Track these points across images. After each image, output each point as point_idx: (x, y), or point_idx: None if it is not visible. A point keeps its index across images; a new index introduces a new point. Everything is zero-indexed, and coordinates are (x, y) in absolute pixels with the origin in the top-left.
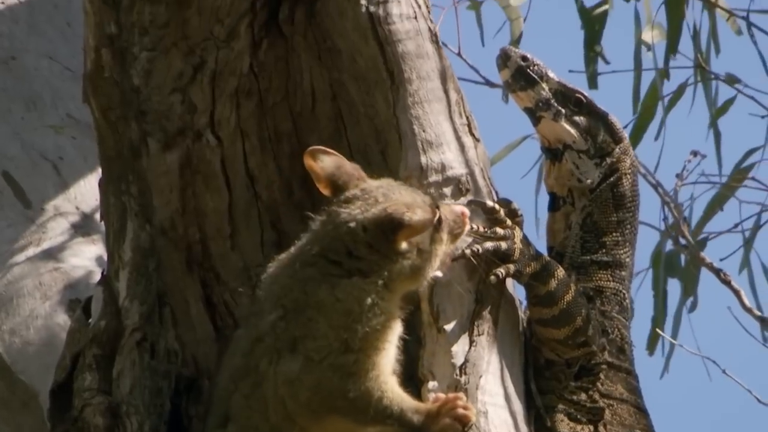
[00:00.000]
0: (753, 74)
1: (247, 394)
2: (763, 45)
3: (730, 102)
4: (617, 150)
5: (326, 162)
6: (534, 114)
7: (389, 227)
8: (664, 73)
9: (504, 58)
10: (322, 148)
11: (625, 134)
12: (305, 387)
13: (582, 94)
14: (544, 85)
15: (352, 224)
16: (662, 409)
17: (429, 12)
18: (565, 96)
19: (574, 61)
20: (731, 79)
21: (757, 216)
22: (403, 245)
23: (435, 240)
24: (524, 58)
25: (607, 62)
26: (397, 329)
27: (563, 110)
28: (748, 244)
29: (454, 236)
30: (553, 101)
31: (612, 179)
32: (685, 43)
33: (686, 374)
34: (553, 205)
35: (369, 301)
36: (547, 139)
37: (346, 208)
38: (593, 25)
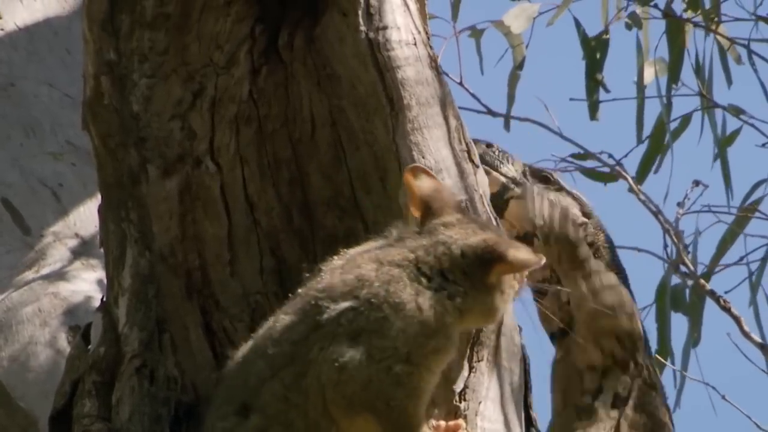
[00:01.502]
0: (755, 103)
1: (289, 384)
2: (764, 74)
3: (736, 133)
4: (590, 227)
5: (425, 183)
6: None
7: (488, 258)
8: (668, 108)
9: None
10: (425, 168)
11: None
12: (355, 380)
13: (549, 173)
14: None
15: (453, 247)
16: None
17: (429, 38)
18: (533, 174)
19: (576, 88)
20: (735, 111)
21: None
22: (493, 280)
23: (512, 285)
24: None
25: (607, 91)
26: (447, 361)
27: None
28: (756, 279)
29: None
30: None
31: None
32: (688, 72)
33: (686, 401)
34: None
35: (447, 320)
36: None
37: (446, 231)
38: (594, 53)
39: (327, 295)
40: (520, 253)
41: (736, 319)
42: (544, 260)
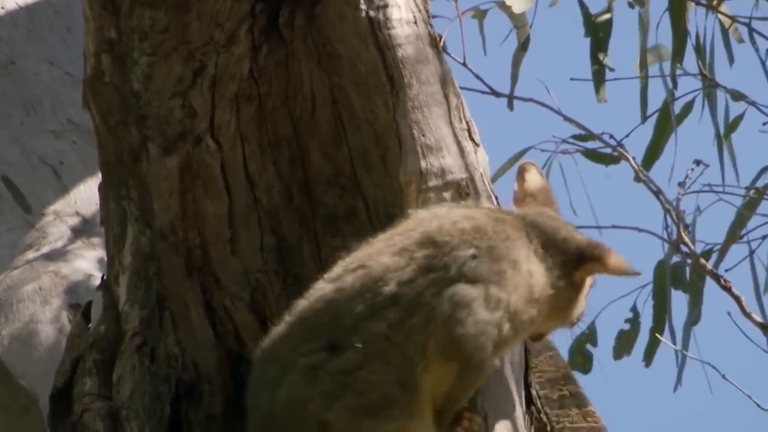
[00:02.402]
0: (755, 80)
1: (393, 323)
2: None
3: (739, 119)
4: None
5: (534, 180)
6: None
7: (586, 254)
8: (672, 94)
9: None
10: (536, 165)
11: None
12: (467, 324)
13: None
14: None
15: (560, 234)
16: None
17: (429, 16)
18: None
19: (580, 67)
20: (737, 95)
21: None
22: (580, 277)
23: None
24: None
25: (612, 69)
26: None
27: None
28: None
29: None
30: None
31: None
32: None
33: (686, 380)
34: None
35: (546, 293)
36: None
37: (552, 221)
38: (598, 33)
39: (442, 240)
40: (617, 258)
41: (737, 299)
42: (641, 274)
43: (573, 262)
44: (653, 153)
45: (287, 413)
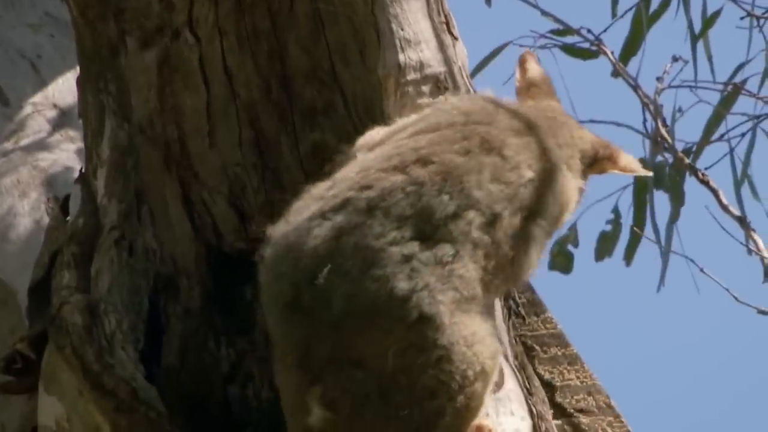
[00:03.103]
0: None
1: (479, 226)
2: None
3: (716, 14)
4: None
5: (536, 69)
6: None
7: (599, 153)
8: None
9: None
10: (535, 55)
11: None
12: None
13: None
14: None
15: (575, 131)
16: (639, 310)
17: None
18: None
19: None
20: None
21: (752, 129)
22: (591, 172)
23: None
24: None
25: None
26: None
27: None
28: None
29: None
30: None
31: None
32: None
33: (668, 277)
34: None
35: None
36: None
37: (579, 130)
38: None
39: (507, 155)
40: (628, 157)
41: (715, 192)
42: (651, 173)
43: (587, 160)
44: (630, 49)
45: (377, 308)
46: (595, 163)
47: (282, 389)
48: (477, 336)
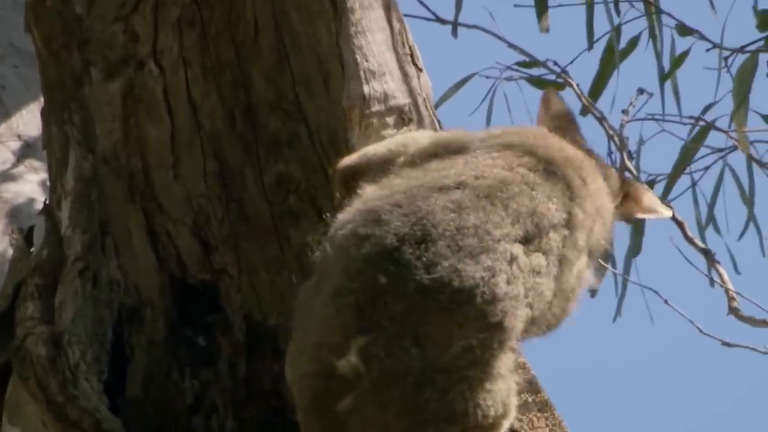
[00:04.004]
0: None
1: (571, 246)
2: None
3: (685, 54)
4: None
5: (558, 106)
6: None
7: (627, 191)
8: (618, 30)
9: None
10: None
11: None
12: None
13: None
14: None
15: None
16: (605, 343)
17: None
18: None
19: None
20: (684, 30)
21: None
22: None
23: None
24: None
25: None
26: None
27: None
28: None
29: None
30: None
31: None
32: None
33: (627, 309)
34: None
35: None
36: None
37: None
38: None
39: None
40: (654, 199)
41: (680, 224)
42: (671, 213)
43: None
44: (598, 86)
45: (471, 295)
46: (621, 201)
47: (314, 319)
48: (508, 373)
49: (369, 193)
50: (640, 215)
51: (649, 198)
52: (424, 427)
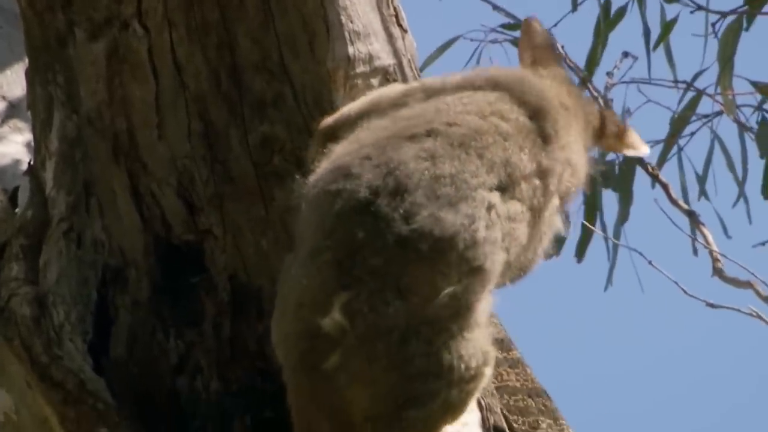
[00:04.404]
0: None
1: (542, 193)
2: None
3: (673, 22)
4: None
5: (542, 36)
6: None
7: (608, 126)
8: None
9: None
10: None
11: None
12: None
13: None
14: None
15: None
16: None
17: None
18: None
19: None
20: None
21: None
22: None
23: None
24: None
25: None
26: None
27: None
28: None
29: None
30: None
31: None
32: None
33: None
34: None
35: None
36: None
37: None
38: None
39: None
40: (636, 136)
41: (664, 186)
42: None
43: (596, 133)
44: (592, 60)
45: (452, 244)
46: (602, 137)
47: (294, 280)
48: (486, 322)
49: (337, 150)
50: (622, 151)
51: (631, 135)
52: (411, 383)
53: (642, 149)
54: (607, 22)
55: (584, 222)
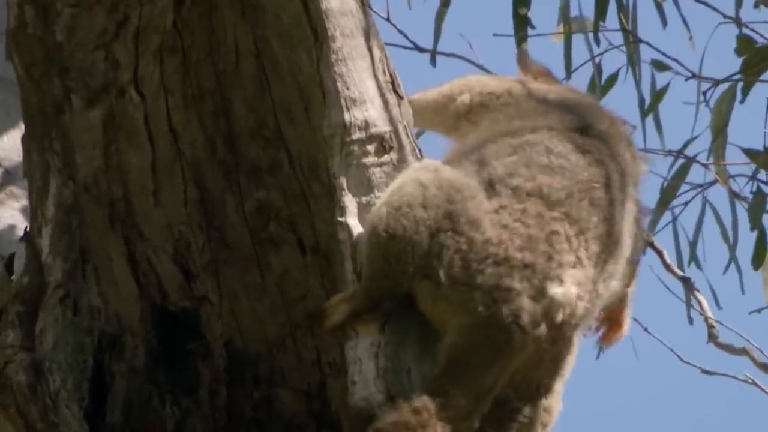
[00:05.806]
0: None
1: None
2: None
3: (664, 90)
4: None
5: (535, 65)
6: None
7: None
8: (599, 68)
9: None
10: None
11: None
12: None
13: None
14: None
15: None
16: (586, 371)
17: None
18: None
19: (504, 22)
20: (660, 66)
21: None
22: None
23: None
24: None
25: (533, 27)
26: None
27: None
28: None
29: None
30: None
31: None
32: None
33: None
34: None
35: None
36: None
37: None
38: None
39: None
40: None
41: (659, 253)
42: None
43: None
44: None
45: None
46: None
47: None
48: None
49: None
50: None
51: None
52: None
53: None
54: (592, 90)
55: None
